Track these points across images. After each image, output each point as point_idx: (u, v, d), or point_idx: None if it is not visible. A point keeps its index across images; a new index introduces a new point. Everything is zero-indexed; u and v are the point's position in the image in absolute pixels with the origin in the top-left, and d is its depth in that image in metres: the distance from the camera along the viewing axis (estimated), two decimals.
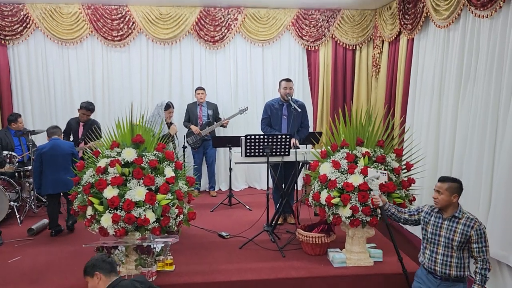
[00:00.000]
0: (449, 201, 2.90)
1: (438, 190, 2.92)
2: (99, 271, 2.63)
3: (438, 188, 2.93)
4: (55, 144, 4.83)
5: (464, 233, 2.85)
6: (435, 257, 2.95)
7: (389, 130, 4.04)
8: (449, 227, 2.90)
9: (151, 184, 3.46)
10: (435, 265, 2.96)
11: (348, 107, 4.42)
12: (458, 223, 2.88)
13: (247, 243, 4.45)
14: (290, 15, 6.64)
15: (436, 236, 2.96)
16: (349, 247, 3.98)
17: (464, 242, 2.86)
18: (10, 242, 4.61)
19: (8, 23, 6.16)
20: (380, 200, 3.22)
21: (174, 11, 6.42)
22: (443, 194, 2.89)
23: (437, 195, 2.93)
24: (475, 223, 2.85)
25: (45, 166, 4.78)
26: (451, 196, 2.89)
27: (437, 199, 2.93)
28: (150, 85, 6.73)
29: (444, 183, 2.91)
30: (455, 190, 2.90)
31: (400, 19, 5.68)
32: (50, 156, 4.76)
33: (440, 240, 2.93)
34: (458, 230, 2.86)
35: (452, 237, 2.88)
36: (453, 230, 2.88)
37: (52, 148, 4.79)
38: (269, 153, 4.40)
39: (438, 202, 2.94)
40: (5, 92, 6.36)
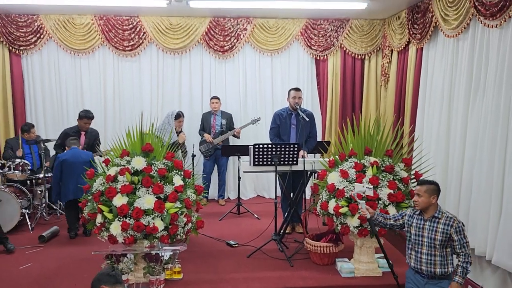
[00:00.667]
0: (429, 202, 3.03)
1: (418, 193, 3.05)
2: (104, 284, 2.65)
3: (417, 191, 3.06)
4: (75, 152, 5.05)
5: (445, 232, 2.97)
6: (420, 257, 3.05)
7: (398, 140, 4.04)
8: (431, 228, 3.02)
9: (160, 192, 3.50)
10: (421, 265, 3.06)
11: (356, 116, 4.42)
12: (439, 223, 3.00)
13: (255, 252, 4.45)
14: (298, 25, 6.69)
15: (419, 237, 3.07)
16: (357, 257, 3.96)
17: (445, 240, 2.98)
18: (21, 248, 4.66)
19: (23, 33, 6.29)
20: (368, 213, 3.29)
21: (184, 22, 6.51)
22: (423, 196, 3.02)
23: (417, 198, 3.05)
24: (453, 221, 2.98)
25: (66, 174, 4.93)
26: (430, 198, 3.02)
27: (417, 201, 3.05)
28: (160, 94, 6.80)
29: (422, 186, 3.05)
30: (434, 192, 3.03)
31: (409, 29, 5.69)
32: (71, 164, 4.93)
33: (423, 240, 3.04)
34: (439, 229, 2.98)
35: (434, 237, 2.99)
36: (434, 230, 3.00)
37: (72, 156, 4.98)
38: (277, 162, 4.42)
39: (418, 204, 3.06)
40: (19, 101, 6.48)
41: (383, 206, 3.64)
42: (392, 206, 3.65)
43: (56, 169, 4.97)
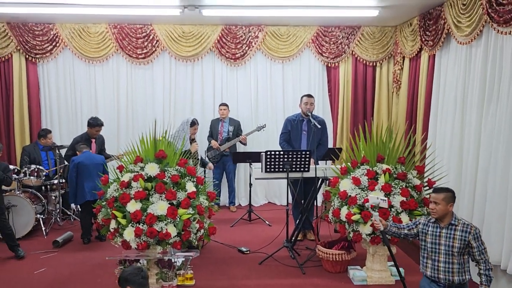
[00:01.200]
0: (446, 210, 2.99)
1: (435, 201, 3.00)
2: (131, 285, 2.66)
3: (435, 199, 3.01)
4: (89, 155, 5.20)
5: (463, 239, 2.94)
6: (437, 266, 3.01)
7: (410, 147, 4.02)
8: (448, 235, 2.98)
9: (173, 198, 3.53)
10: (438, 273, 3.01)
11: (368, 123, 4.42)
12: (456, 230, 2.97)
13: (266, 259, 4.45)
14: (310, 32, 6.72)
15: (436, 245, 3.02)
16: (370, 265, 3.94)
17: (463, 248, 2.95)
18: (36, 253, 4.73)
19: (39, 42, 6.42)
20: (381, 224, 3.24)
21: (197, 30, 6.58)
22: (440, 204, 2.98)
23: (434, 206, 3.00)
24: (471, 228, 2.96)
25: (81, 176, 5.03)
26: (448, 206, 2.98)
27: (435, 209, 3.00)
28: (172, 102, 6.87)
29: (440, 193, 3.00)
30: (450, 199, 3.00)
31: (421, 36, 5.68)
32: (86, 166, 5.05)
33: (440, 248, 3.00)
34: (457, 236, 2.95)
35: (452, 244, 2.96)
36: (452, 237, 2.97)
37: (87, 158, 5.11)
38: (289, 169, 4.42)
39: (436, 213, 3.01)
40: (35, 108, 6.60)
41: (395, 214, 3.62)
42: (405, 213, 3.63)
43: (72, 172, 5.08)
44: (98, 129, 5.68)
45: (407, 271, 4.02)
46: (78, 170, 5.03)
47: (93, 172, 4.97)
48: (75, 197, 5.13)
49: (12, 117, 6.51)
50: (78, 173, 5.03)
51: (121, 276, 2.72)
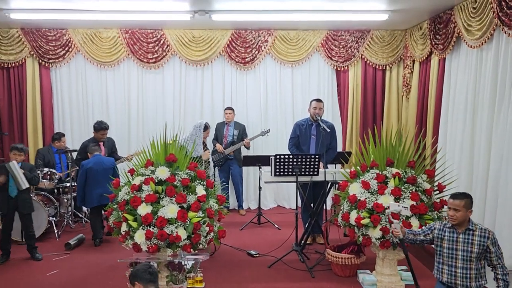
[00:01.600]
0: (466, 216, 2.97)
1: (456, 208, 2.96)
2: (139, 281, 2.72)
3: (455, 206, 2.96)
4: (99, 159, 5.24)
5: (481, 244, 2.93)
6: (454, 271, 2.99)
7: (420, 151, 4.01)
8: (466, 240, 2.96)
9: (183, 202, 3.56)
10: (456, 279, 2.99)
11: (378, 127, 4.41)
12: (474, 235, 2.95)
13: (276, 263, 4.46)
14: (319, 37, 6.74)
15: (453, 250, 3.00)
16: (379, 269, 3.92)
17: (481, 253, 2.93)
18: (48, 255, 4.80)
19: (52, 47, 6.54)
20: (401, 233, 3.19)
21: (207, 34, 6.64)
22: (461, 211, 2.95)
23: (454, 212, 2.96)
24: (489, 233, 2.95)
25: (90, 181, 5.11)
26: (467, 212, 2.97)
27: (455, 216, 2.96)
28: (182, 105, 6.93)
29: (461, 200, 2.97)
30: (470, 205, 2.99)
31: (431, 39, 5.66)
32: (95, 171, 5.12)
33: (457, 254, 2.98)
34: (475, 242, 2.94)
35: (470, 249, 2.94)
36: (470, 243, 2.95)
37: (96, 163, 5.17)
38: (298, 173, 4.44)
39: (456, 219, 2.97)
40: (48, 112, 6.71)
41: (405, 218, 3.61)
42: (415, 218, 3.62)
43: (81, 177, 5.16)
44: (103, 133, 5.74)
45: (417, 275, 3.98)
46: (87, 175, 5.11)
47: (102, 177, 5.03)
48: (83, 201, 5.23)
49: (25, 121, 6.63)
50: (87, 178, 5.11)
51: (131, 273, 2.79)
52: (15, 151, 4.62)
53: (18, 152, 4.63)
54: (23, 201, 4.69)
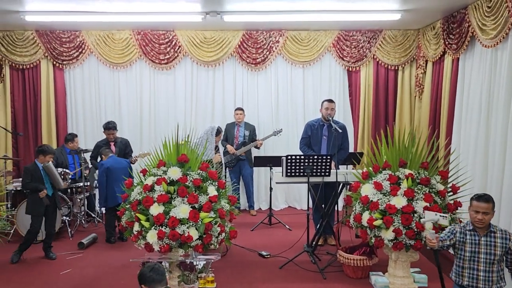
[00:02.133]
0: (491, 219, 2.93)
1: (485, 212, 2.89)
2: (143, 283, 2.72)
3: (485, 209, 2.89)
4: (116, 159, 5.40)
5: (503, 246, 2.90)
6: (476, 275, 2.94)
7: (433, 152, 3.96)
8: (488, 243, 2.92)
9: (195, 202, 3.57)
10: (478, 283, 2.94)
11: (390, 127, 4.37)
12: (496, 237, 2.92)
13: (287, 264, 4.45)
14: (331, 37, 6.71)
15: (475, 254, 2.95)
16: (392, 271, 3.88)
17: (502, 255, 2.91)
18: (62, 254, 4.86)
19: (66, 49, 6.62)
20: (436, 243, 3.03)
21: (218, 35, 6.66)
22: (490, 214, 2.90)
23: (483, 216, 2.88)
24: (509, 235, 2.92)
25: (111, 180, 5.19)
26: (493, 214, 2.94)
27: (483, 220, 2.89)
28: (194, 106, 6.96)
29: (489, 203, 2.91)
30: (494, 208, 2.96)
31: (444, 39, 5.60)
32: (115, 170, 5.23)
33: (480, 257, 2.93)
34: (498, 244, 2.90)
35: (493, 252, 2.90)
36: (493, 245, 2.91)
37: (115, 162, 5.30)
38: (309, 174, 4.42)
39: (484, 223, 2.90)
40: (61, 113, 6.79)
41: (418, 219, 3.57)
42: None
43: (102, 176, 5.25)
44: (110, 133, 5.80)
45: (430, 277, 3.96)
46: (108, 174, 5.19)
47: (121, 176, 5.08)
48: (106, 200, 5.28)
49: (40, 121, 6.72)
50: (107, 177, 5.18)
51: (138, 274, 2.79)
52: (52, 155, 4.80)
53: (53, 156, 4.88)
54: (57, 198, 4.92)
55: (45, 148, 4.79)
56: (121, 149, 5.87)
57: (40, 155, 4.70)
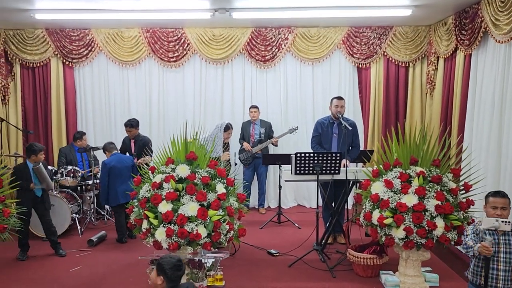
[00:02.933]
0: (509, 215, 2.87)
1: (504, 207, 2.84)
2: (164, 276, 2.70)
3: (503, 204, 2.85)
4: (120, 157, 5.34)
5: None
6: (496, 274, 2.88)
7: (445, 149, 3.90)
8: (507, 242, 2.86)
9: (203, 200, 3.56)
10: (497, 283, 2.88)
11: (401, 125, 4.30)
12: None
13: (296, 262, 4.42)
14: (340, 33, 6.65)
15: (495, 253, 2.87)
16: (402, 270, 3.83)
17: None
18: (71, 252, 4.88)
19: (75, 47, 6.65)
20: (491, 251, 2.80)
21: (227, 32, 6.63)
22: (508, 209, 2.85)
23: (502, 211, 2.84)
24: None
25: (113, 179, 5.16)
26: (510, 211, 2.87)
27: (503, 215, 2.83)
28: (202, 104, 6.95)
29: (506, 198, 2.87)
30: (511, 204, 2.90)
31: (456, 35, 5.51)
32: (118, 169, 5.19)
33: (499, 256, 2.87)
34: None
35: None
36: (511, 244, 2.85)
37: (118, 162, 5.25)
38: (319, 171, 4.38)
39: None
40: (71, 111, 6.83)
41: (430, 218, 3.51)
42: (440, 218, 3.51)
43: (103, 175, 5.22)
44: (127, 130, 5.82)
45: (441, 277, 3.90)
46: (110, 173, 5.16)
47: (124, 175, 5.12)
48: (107, 199, 5.27)
49: (50, 119, 6.77)
50: (110, 176, 5.16)
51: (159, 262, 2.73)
52: (42, 151, 4.71)
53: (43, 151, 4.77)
54: (47, 199, 4.83)
55: (35, 147, 4.66)
56: (140, 148, 5.84)
57: (32, 156, 4.62)
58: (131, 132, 5.84)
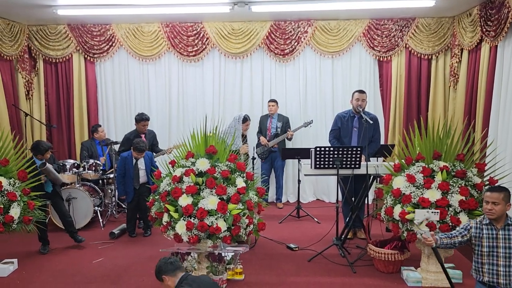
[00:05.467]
0: (505, 210, 2.83)
1: (494, 202, 2.82)
2: (165, 274, 2.78)
3: (494, 199, 2.82)
4: None
5: None
6: (496, 270, 2.84)
7: (469, 144, 3.80)
8: (506, 236, 2.83)
9: (223, 193, 3.57)
10: (498, 278, 2.84)
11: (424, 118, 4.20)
12: None
13: (316, 256, 4.40)
14: (361, 26, 6.54)
15: (494, 248, 2.85)
16: (425, 266, 3.77)
17: None
18: (94, 243, 4.97)
19: (97, 42, 6.73)
20: (433, 241, 2.98)
21: (246, 26, 6.61)
22: (500, 204, 2.81)
23: (493, 206, 2.82)
24: None
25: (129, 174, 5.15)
26: (506, 205, 2.83)
27: (493, 210, 2.82)
28: (221, 98, 6.96)
29: (500, 193, 2.84)
30: (508, 199, 2.85)
31: (481, 26, 5.36)
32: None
33: (498, 251, 2.84)
34: None
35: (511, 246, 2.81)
36: (510, 238, 2.82)
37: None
38: (339, 166, 4.33)
39: (494, 213, 2.83)
40: (92, 105, 6.93)
41: (453, 213, 3.45)
42: (464, 213, 3.45)
43: (120, 168, 5.22)
44: (144, 124, 5.74)
45: (465, 274, 3.82)
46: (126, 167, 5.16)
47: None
48: (125, 191, 5.25)
49: (72, 114, 6.88)
50: (125, 170, 5.15)
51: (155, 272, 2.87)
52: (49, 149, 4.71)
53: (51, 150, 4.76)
54: (58, 193, 4.88)
55: (41, 147, 4.62)
56: (150, 141, 5.91)
57: (38, 155, 4.61)
58: (146, 127, 5.82)
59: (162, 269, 2.82)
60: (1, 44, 6.08)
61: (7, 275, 4.10)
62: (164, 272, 2.80)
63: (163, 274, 2.80)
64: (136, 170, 5.16)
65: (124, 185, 5.24)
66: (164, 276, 2.79)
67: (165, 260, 2.88)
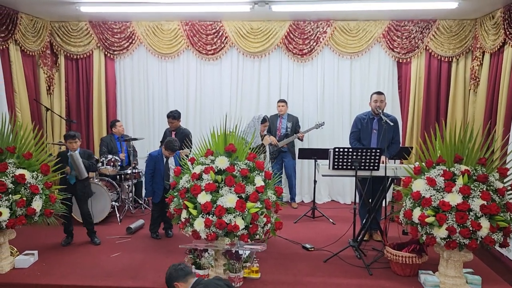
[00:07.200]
0: None
1: None
2: (176, 281, 2.77)
3: None
4: None
5: None
6: None
7: (492, 148, 3.75)
8: None
9: (242, 192, 3.58)
10: None
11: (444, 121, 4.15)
12: None
13: (332, 257, 4.39)
14: (381, 27, 6.50)
15: None
16: (443, 271, 3.74)
17: None
18: (112, 238, 5.04)
19: (117, 39, 6.81)
20: None
21: (265, 26, 6.61)
22: None
23: None
24: None
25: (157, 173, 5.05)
26: None
27: None
28: (239, 97, 6.98)
29: None
30: None
31: (505, 29, 5.28)
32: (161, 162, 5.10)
33: None
34: None
35: None
36: None
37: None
38: (357, 167, 4.31)
39: None
40: (111, 102, 7.02)
41: (474, 218, 3.40)
42: (485, 218, 3.40)
43: (149, 166, 5.10)
44: (169, 121, 5.82)
45: (484, 279, 3.77)
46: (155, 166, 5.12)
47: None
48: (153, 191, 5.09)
49: (91, 109, 6.97)
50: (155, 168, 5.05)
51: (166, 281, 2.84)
52: (70, 140, 4.69)
53: (73, 140, 4.70)
54: (81, 188, 4.85)
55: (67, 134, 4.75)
56: (180, 140, 5.81)
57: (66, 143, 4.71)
58: (173, 124, 5.85)
59: (173, 276, 2.79)
60: (25, 39, 6.19)
61: (28, 266, 4.18)
62: (175, 279, 2.78)
63: (175, 281, 2.77)
64: (166, 168, 5.06)
65: (152, 185, 5.07)
66: (176, 283, 2.77)
67: (174, 267, 2.85)
